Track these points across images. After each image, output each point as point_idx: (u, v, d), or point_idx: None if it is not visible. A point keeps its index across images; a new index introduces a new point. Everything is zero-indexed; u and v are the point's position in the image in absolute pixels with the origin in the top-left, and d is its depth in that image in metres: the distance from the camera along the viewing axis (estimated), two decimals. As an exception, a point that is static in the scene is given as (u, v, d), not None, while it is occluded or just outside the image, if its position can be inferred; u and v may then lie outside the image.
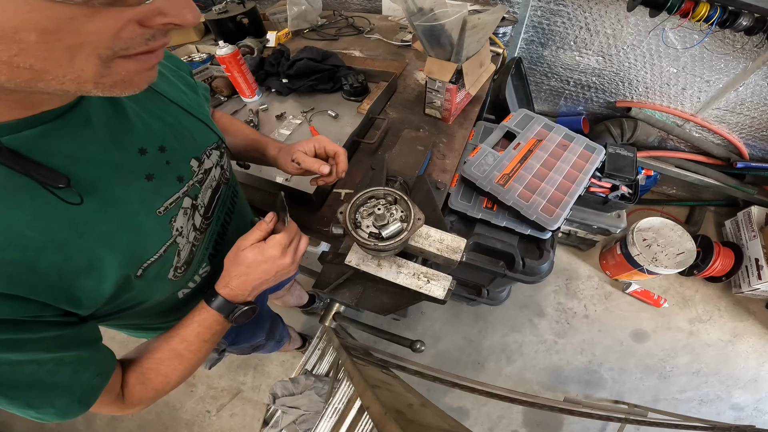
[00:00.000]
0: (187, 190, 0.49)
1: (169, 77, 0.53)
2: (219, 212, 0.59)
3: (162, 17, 0.27)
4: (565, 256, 1.96)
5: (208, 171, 0.54)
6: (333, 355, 1.08)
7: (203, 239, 0.54)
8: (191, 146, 0.51)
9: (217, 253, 0.60)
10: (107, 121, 0.39)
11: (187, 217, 0.49)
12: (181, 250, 0.48)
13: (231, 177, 0.64)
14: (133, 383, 0.47)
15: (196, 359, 0.51)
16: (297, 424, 0.93)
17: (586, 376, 1.64)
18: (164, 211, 0.45)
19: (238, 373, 1.73)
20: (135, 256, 0.41)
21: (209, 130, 0.56)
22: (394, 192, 0.53)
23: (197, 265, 0.54)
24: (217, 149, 0.57)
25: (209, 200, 0.55)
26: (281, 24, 1.60)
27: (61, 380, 0.37)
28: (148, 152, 0.43)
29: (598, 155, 1.04)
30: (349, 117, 1.11)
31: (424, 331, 1.77)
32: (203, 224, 0.53)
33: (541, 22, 1.54)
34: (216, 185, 0.57)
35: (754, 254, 1.63)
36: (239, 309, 0.52)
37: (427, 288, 0.57)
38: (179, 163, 0.48)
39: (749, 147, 1.68)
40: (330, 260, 0.70)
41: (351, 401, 0.63)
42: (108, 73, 0.27)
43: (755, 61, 1.32)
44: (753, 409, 1.56)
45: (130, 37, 0.26)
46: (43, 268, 0.33)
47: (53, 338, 0.36)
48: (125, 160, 0.41)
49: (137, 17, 0.26)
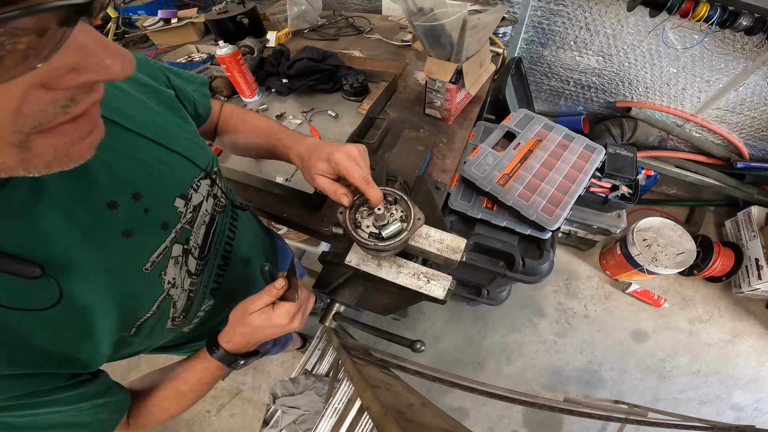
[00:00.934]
0: (174, 237, 0.43)
1: (137, 96, 0.43)
2: (217, 245, 0.54)
3: (75, 75, 0.20)
4: (565, 256, 1.96)
5: (198, 207, 0.47)
6: (333, 355, 1.08)
7: (201, 281, 0.50)
8: (173, 183, 0.43)
9: (219, 286, 0.56)
10: (62, 178, 0.31)
11: (179, 266, 0.44)
12: (177, 301, 0.45)
13: (227, 202, 0.56)
14: (138, 415, 0.48)
15: (197, 396, 0.52)
16: (297, 424, 0.93)
17: (586, 376, 1.64)
18: (151, 267, 0.40)
19: (238, 373, 1.73)
20: (127, 318, 0.38)
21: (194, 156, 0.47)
22: (394, 192, 0.53)
23: (198, 306, 0.52)
24: (206, 177, 0.49)
25: (203, 239, 0.49)
26: (281, 24, 1.60)
27: (83, 421, 0.38)
28: (120, 204, 0.37)
29: (598, 155, 1.04)
30: (349, 117, 1.11)
31: (424, 331, 1.77)
32: (198, 267, 0.49)
33: (541, 22, 1.54)
34: (210, 220, 0.50)
35: (754, 254, 1.63)
36: (241, 360, 0.52)
37: (427, 288, 0.57)
38: (160, 208, 0.41)
39: (749, 147, 1.68)
40: (330, 260, 0.70)
41: (351, 401, 0.63)
42: (32, 156, 0.21)
43: (755, 61, 1.32)
44: (753, 409, 1.56)
45: (38, 109, 0.19)
46: (37, 342, 0.31)
47: (71, 396, 0.36)
48: (93, 220, 0.34)
49: (38, 81, 0.19)
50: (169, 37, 1.65)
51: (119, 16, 1.68)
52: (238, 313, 0.49)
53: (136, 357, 0.49)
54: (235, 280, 0.61)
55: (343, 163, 0.47)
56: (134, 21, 1.79)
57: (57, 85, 0.20)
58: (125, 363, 1.68)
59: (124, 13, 1.73)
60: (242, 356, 0.52)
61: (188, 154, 0.46)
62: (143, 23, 1.68)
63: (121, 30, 1.73)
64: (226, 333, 0.50)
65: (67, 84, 0.20)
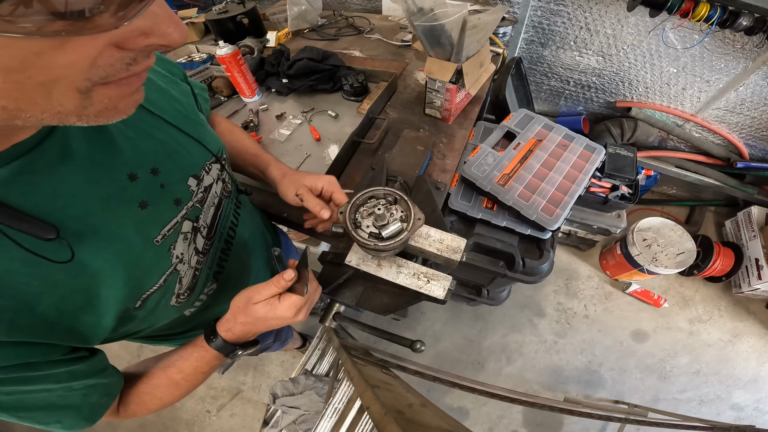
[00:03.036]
0: (186, 213, 0.45)
1: (160, 84, 0.48)
2: (221, 229, 0.56)
3: (144, 38, 0.23)
4: (565, 256, 1.96)
5: (209, 188, 0.50)
6: (333, 355, 1.08)
7: (206, 261, 0.51)
8: (187, 163, 0.47)
9: (222, 270, 0.58)
10: (89, 147, 0.35)
11: (188, 242, 0.46)
12: (183, 277, 0.46)
13: (233, 188, 0.60)
14: (129, 402, 0.48)
15: (192, 386, 0.52)
16: (297, 424, 0.93)
17: (586, 376, 1.64)
18: (162, 240, 0.42)
19: (238, 373, 1.73)
20: (134, 289, 0.39)
21: (207, 142, 0.52)
22: (394, 192, 0.53)
23: (202, 286, 0.52)
24: (217, 162, 0.53)
25: (212, 219, 0.51)
26: (281, 24, 1.60)
27: (71, 402, 0.38)
28: (139, 177, 0.40)
29: (598, 155, 1.04)
30: (349, 117, 1.11)
31: (424, 331, 1.77)
32: (206, 246, 0.50)
33: (541, 22, 1.54)
34: (218, 202, 0.53)
35: (754, 254, 1.63)
36: (240, 351, 0.51)
37: (427, 288, 0.57)
38: (175, 185, 0.45)
39: (749, 147, 1.68)
40: (330, 260, 0.70)
41: (351, 401, 0.63)
42: (90, 104, 0.24)
43: (755, 61, 1.32)
44: (753, 409, 1.56)
45: (108, 63, 0.23)
46: (41, 310, 0.32)
47: (63, 373, 0.36)
48: (114, 189, 0.37)
49: (114, 40, 0.22)
50: (169, 37, 1.65)
51: (119, 16, 1.68)
52: (242, 302, 0.48)
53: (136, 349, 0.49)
54: (236, 267, 0.61)
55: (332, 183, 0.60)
56: (134, 21, 1.79)
57: (128, 45, 0.23)
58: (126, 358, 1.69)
59: (124, 13, 1.72)
60: (241, 346, 0.50)
61: (202, 139, 0.50)
62: (143, 23, 1.67)
63: (121, 30, 1.73)
64: (226, 321, 0.49)
65: (136, 45, 0.24)
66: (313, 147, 1.03)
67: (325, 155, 1.00)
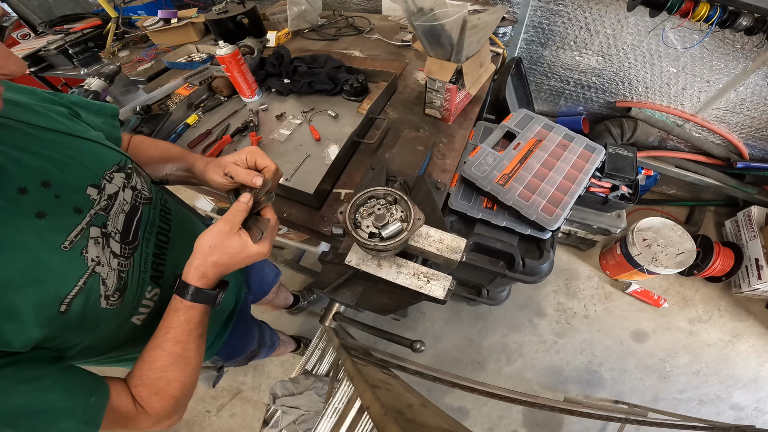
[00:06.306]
0: (90, 220, 0.47)
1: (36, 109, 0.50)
2: (147, 234, 0.57)
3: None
4: (565, 256, 1.96)
5: (114, 196, 0.52)
6: (333, 355, 1.08)
7: (132, 264, 0.52)
8: (83, 174, 0.48)
9: (161, 275, 0.58)
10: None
11: (100, 246, 0.47)
12: (106, 278, 0.46)
13: (155, 196, 0.61)
14: (146, 396, 0.47)
15: (197, 355, 0.52)
16: (297, 424, 0.93)
17: (586, 376, 1.64)
18: (70, 245, 0.43)
19: (238, 373, 1.73)
20: (50, 294, 0.40)
21: (105, 152, 0.53)
22: (394, 192, 0.53)
23: (138, 289, 0.53)
24: (120, 171, 0.54)
25: (124, 225, 0.52)
26: (281, 24, 1.60)
27: (54, 404, 0.39)
28: (30, 190, 0.42)
29: (598, 155, 1.03)
30: (349, 117, 1.11)
31: (424, 331, 1.77)
32: (125, 250, 0.51)
33: (541, 22, 1.54)
34: (131, 208, 0.54)
35: (754, 254, 1.63)
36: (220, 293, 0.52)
37: (427, 288, 0.57)
38: (72, 195, 0.46)
39: (749, 147, 1.68)
40: (330, 260, 0.70)
41: (351, 401, 0.63)
42: None
43: (755, 61, 1.32)
44: (753, 409, 1.56)
45: None
46: None
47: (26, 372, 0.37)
48: (5, 203, 0.39)
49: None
50: (168, 37, 1.65)
51: (119, 16, 1.68)
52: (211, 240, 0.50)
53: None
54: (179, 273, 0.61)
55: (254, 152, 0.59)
56: (134, 21, 1.79)
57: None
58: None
59: (124, 13, 1.72)
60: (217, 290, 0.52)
61: (95, 150, 0.52)
62: (143, 23, 1.68)
63: (121, 30, 1.73)
64: (196, 269, 0.50)
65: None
66: (313, 147, 1.03)
67: (325, 155, 1.00)
